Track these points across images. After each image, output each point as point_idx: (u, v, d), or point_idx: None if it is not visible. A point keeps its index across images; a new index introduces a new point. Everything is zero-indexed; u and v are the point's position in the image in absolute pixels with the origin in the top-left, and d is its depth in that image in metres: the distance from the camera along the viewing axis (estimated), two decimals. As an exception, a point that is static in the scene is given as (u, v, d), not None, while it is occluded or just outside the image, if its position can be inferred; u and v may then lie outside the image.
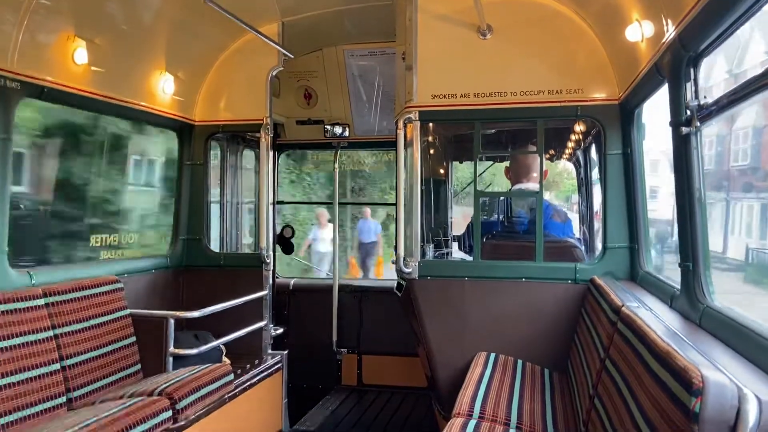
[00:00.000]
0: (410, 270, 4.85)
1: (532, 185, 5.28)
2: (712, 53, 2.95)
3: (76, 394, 4.09)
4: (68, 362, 4.10)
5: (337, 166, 7.33)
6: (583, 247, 5.32)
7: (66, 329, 4.16)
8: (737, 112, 3.35)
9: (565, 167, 6.69)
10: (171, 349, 4.66)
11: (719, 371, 1.93)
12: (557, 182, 7.21)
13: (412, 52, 4.88)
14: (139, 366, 4.68)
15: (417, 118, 4.86)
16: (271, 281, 6.05)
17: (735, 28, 2.66)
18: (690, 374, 1.88)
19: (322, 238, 14.46)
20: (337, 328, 7.05)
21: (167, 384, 4.03)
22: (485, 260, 4.90)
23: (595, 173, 5.71)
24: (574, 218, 6.04)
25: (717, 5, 2.58)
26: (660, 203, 6.04)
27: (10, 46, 4.01)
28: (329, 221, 13.89)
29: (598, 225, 5.31)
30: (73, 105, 4.77)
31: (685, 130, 3.05)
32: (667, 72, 3.30)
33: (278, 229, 7.13)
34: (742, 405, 1.79)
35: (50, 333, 4.04)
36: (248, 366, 5.44)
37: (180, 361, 4.70)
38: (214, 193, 6.72)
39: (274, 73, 5.94)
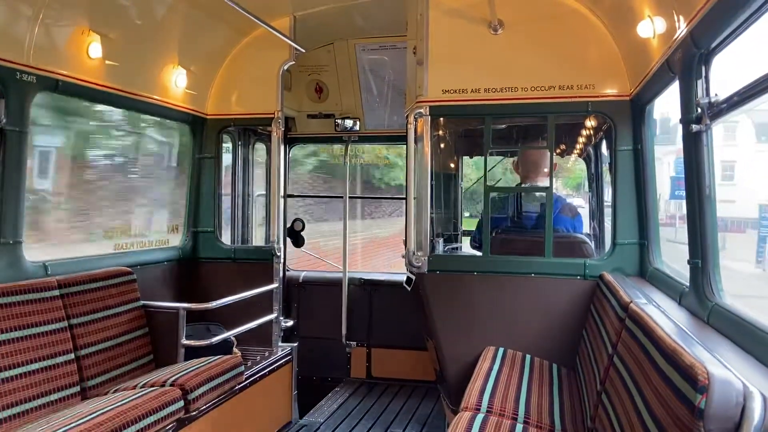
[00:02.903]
0: (420, 264, 4.87)
1: (542, 180, 5.28)
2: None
3: (89, 383, 4.17)
4: (82, 352, 4.17)
5: (347, 159, 7.36)
6: (592, 243, 5.31)
7: (80, 320, 4.23)
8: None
9: (574, 161, 6.66)
10: (183, 340, 4.72)
11: (725, 368, 1.94)
12: (565, 169, 7.15)
13: (424, 46, 4.88)
14: (151, 357, 4.75)
15: (428, 113, 4.86)
16: (281, 274, 6.09)
17: (747, 26, 2.64)
18: (696, 371, 1.90)
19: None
20: (346, 320, 7.10)
21: (179, 375, 4.09)
22: (494, 255, 4.91)
23: (605, 169, 5.69)
24: (584, 213, 6.02)
25: (729, 2, 2.57)
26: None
27: (26, 40, 4.07)
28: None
29: (607, 221, 5.30)
30: (87, 98, 4.83)
31: (695, 127, 3.04)
32: (678, 69, 3.29)
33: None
34: (747, 402, 1.80)
35: (64, 323, 4.11)
36: (259, 358, 5.50)
37: (192, 352, 4.76)
38: (226, 186, 6.77)
39: (285, 67, 5.97)
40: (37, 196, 4.97)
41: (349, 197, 7.43)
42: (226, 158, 6.72)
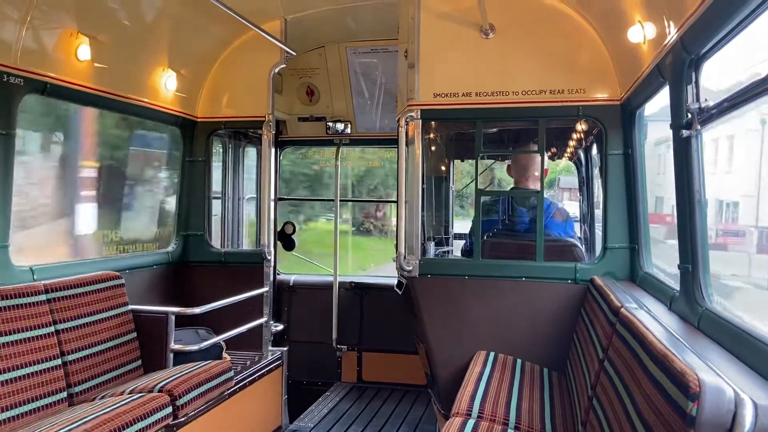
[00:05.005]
0: (411, 268, 4.86)
1: (533, 184, 5.28)
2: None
3: (76, 389, 4.11)
4: (69, 358, 4.12)
5: (338, 163, 7.34)
6: (583, 247, 5.32)
7: (67, 325, 4.18)
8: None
9: (565, 165, 6.68)
10: (171, 345, 4.68)
11: (716, 375, 1.94)
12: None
13: (415, 50, 4.88)
14: (139, 362, 4.69)
15: (419, 117, 4.86)
16: (272, 278, 6.06)
17: (737, 32, 2.65)
18: (687, 378, 1.89)
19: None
20: (337, 324, 7.07)
21: (167, 380, 4.05)
22: (486, 259, 4.90)
23: (596, 173, 5.71)
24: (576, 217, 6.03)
25: (719, 8, 2.58)
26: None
27: (14, 42, 4.02)
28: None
29: (598, 225, 5.31)
30: (76, 101, 4.79)
31: (685, 132, 3.05)
32: (668, 74, 3.30)
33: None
34: (738, 409, 1.80)
35: (51, 329, 4.06)
36: (248, 362, 5.46)
37: (181, 357, 4.72)
38: (216, 189, 6.74)
39: (276, 70, 5.95)
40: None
41: (341, 200, 7.42)
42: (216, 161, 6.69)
